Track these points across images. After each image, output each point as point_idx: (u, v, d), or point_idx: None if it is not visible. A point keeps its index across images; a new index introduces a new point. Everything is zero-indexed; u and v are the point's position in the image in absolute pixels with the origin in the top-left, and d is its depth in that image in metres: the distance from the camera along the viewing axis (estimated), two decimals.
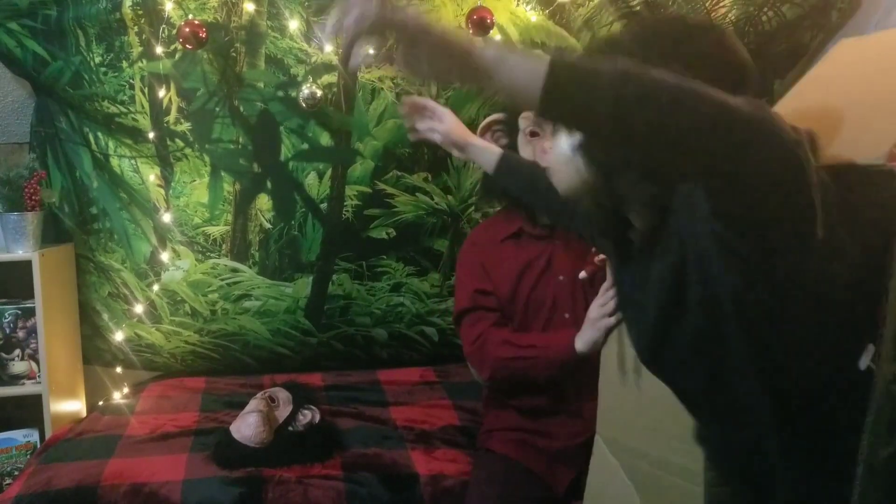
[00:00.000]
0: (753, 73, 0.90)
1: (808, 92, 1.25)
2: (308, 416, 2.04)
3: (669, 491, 1.06)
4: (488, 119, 1.76)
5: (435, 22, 0.80)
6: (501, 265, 1.78)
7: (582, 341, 1.47)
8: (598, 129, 0.78)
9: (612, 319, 1.27)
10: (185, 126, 2.44)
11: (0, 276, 2.38)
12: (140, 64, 2.35)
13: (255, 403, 2.01)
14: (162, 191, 2.50)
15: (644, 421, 1.14)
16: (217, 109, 2.42)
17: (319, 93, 2.32)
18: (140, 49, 2.33)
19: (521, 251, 1.77)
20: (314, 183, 2.56)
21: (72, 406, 2.47)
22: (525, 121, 1.68)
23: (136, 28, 2.30)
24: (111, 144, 2.46)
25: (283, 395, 2.09)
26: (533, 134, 1.67)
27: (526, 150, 1.67)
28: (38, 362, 2.29)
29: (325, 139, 2.52)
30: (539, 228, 1.76)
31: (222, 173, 2.50)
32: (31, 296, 2.24)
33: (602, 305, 1.31)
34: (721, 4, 2.60)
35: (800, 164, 0.77)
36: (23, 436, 2.33)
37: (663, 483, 1.07)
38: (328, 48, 2.37)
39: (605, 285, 1.31)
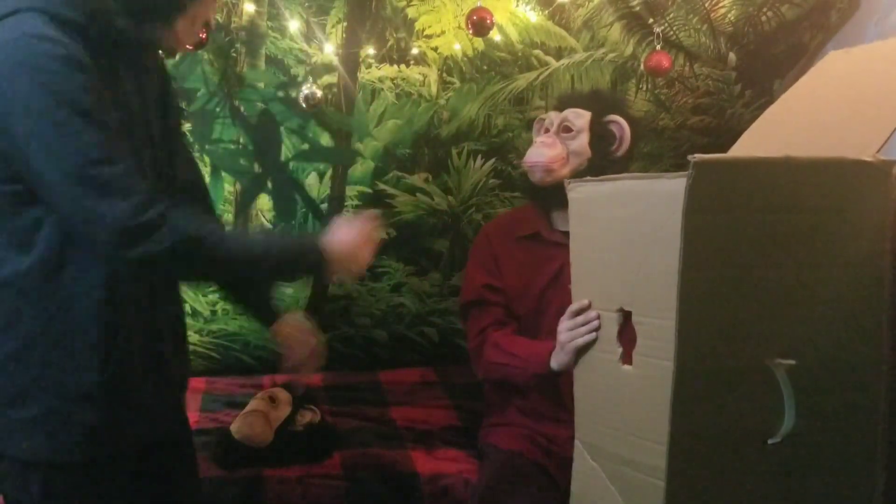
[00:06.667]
0: None
1: (795, 100, 1.26)
2: (308, 416, 2.04)
3: (655, 494, 1.05)
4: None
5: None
6: (514, 263, 1.77)
7: (555, 362, 1.47)
8: None
9: (581, 341, 1.26)
10: (185, 126, 2.44)
11: None
12: None
13: (255, 403, 2.01)
14: None
15: (623, 425, 1.13)
16: (217, 110, 2.43)
17: (319, 93, 2.33)
18: None
19: (535, 253, 1.76)
20: (315, 183, 2.57)
21: None
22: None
23: None
24: None
25: (283, 395, 2.08)
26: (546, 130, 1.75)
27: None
28: None
29: (326, 139, 2.52)
30: (557, 234, 1.74)
31: (223, 173, 2.51)
32: None
33: (570, 329, 1.29)
34: (721, 5, 2.61)
35: None
36: None
37: (649, 488, 1.06)
38: (328, 48, 2.37)
39: (572, 308, 1.30)
